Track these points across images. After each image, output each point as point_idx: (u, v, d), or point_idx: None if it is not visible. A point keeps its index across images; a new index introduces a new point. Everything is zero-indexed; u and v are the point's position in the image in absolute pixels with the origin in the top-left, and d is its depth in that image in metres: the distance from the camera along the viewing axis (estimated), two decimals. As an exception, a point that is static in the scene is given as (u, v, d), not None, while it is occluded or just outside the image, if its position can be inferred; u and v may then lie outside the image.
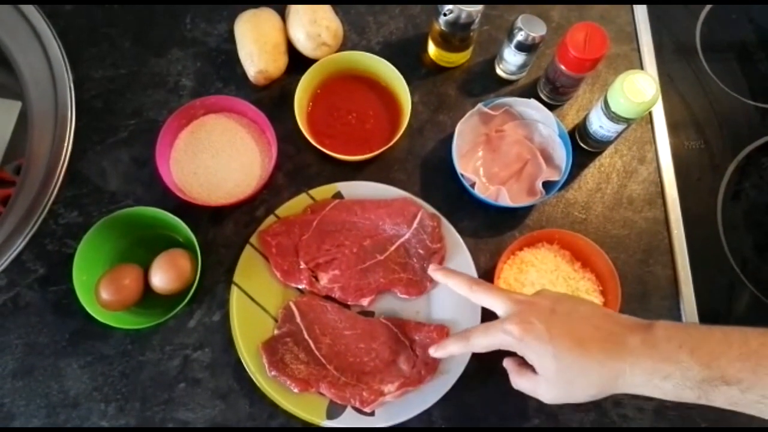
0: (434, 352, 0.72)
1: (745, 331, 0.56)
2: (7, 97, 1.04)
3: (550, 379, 0.60)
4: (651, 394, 0.57)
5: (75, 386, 0.80)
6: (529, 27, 0.83)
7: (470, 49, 0.93)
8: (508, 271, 0.82)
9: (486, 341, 0.64)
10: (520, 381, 0.66)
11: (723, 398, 0.53)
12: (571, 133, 0.90)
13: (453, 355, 0.71)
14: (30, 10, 0.93)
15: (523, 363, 0.66)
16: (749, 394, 0.51)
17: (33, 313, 0.83)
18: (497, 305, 0.65)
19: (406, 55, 0.94)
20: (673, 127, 0.93)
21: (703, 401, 0.55)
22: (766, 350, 0.52)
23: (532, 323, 0.60)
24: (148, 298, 0.81)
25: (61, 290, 0.83)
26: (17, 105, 1.03)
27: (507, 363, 0.69)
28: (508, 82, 0.95)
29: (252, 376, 0.79)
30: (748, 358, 0.52)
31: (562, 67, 0.84)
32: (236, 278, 0.82)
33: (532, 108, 0.88)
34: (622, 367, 0.56)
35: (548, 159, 0.88)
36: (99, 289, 0.77)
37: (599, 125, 0.84)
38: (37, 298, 0.83)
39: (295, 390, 0.78)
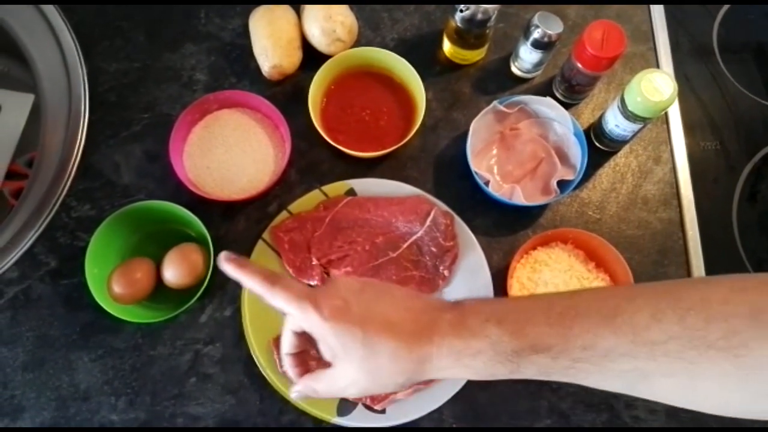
0: (224, 259, 0.58)
1: (550, 297, 0.54)
2: (20, 89, 1.04)
3: (356, 368, 0.53)
4: (461, 376, 0.53)
5: (86, 379, 0.80)
6: (545, 24, 0.83)
7: (486, 47, 0.92)
8: (521, 271, 0.82)
9: (286, 300, 0.53)
10: (317, 384, 0.56)
11: (535, 368, 0.50)
12: (587, 132, 0.90)
13: (240, 281, 0.57)
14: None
15: (303, 360, 0.59)
16: (561, 359, 0.48)
17: (44, 306, 0.83)
18: (302, 306, 0.53)
19: (421, 52, 0.94)
20: (688, 128, 0.93)
21: (516, 375, 0.51)
22: (572, 313, 0.49)
23: (344, 302, 0.53)
24: (159, 292, 0.80)
25: (72, 283, 0.83)
26: (30, 98, 1.03)
27: (290, 370, 0.60)
28: (524, 80, 0.94)
29: (263, 372, 0.78)
30: (554, 324, 0.49)
31: (579, 65, 0.83)
32: (248, 274, 0.82)
33: (547, 106, 0.87)
34: (429, 350, 0.52)
35: (563, 158, 0.87)
36: (111, 282, 0.77)
37: (615, 124, 0.83)
38: (49, 290, 0.83)
39: (306, 386, 0.77)
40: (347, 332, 0.52)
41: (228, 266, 0.57)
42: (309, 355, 0.60)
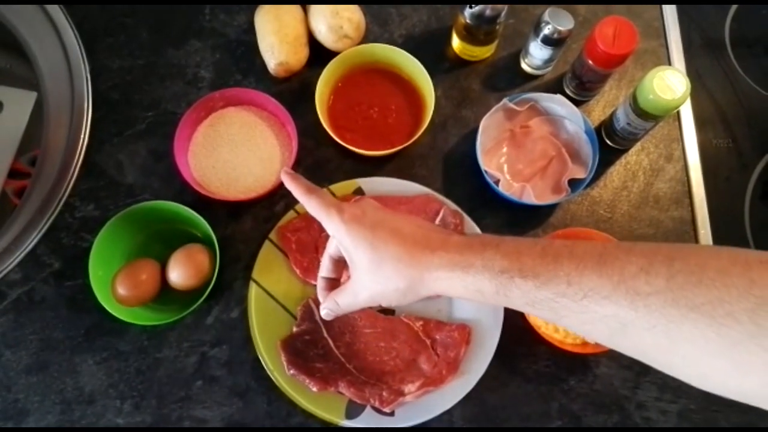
0: (283, 172, 0.66)
1: (553, 240, 0.56)
2: (22, 87, 1.03)
3: (365, 270, 0.58)
4: (453, 289, 0.56)
5: (90, 382, 0.79)
6: (556, 21, 0.81)
7: (495, 43, 0.91)
8: (532, 271, 0.81)
9: (318, 206, 0.61)
10: (338, 297, 0.63)
11: (519, 293, 0.51)
12: (597, 130, 0.89)
13: (290, 189, 0.64)
14: (47, -2, 0.92)
15: (335, 285, 0.66)
16: (544, 290, 0.49)
17: (48, 308, 0.82)
18: (329, 212, 0.60)
19: (430, 49, 0.92)
20: (700, 125, 0.91)
21: (501, 297, 0.53)
22: (566, 252, 0.50)
23: (362, 211, 0.59)
24: (165, 293, 0.79)
25: (76, 285, 0.82)
26: (33, 95, 1.02)
27: (320, 292, 0.67)
28: (533, 77, 0.93)
29: (270, 374, 0.77)
30: (547, 257, 0.50)
31: (590, 62, 0.82)
32: (255, 274, 0.81)
33: (558, 104, 0.86)
34: (431, 260, 0.56)
35: (574, 156, 0.86)
36: (115, 284, 0.76)
37: (627, 122, 0.82)
38: (53, 292, 0.82)
39: (314, 389, 0.76)
40: (359, 234, 0.58)
41: (284, 177, 0.65)
42: (337, 284, 0.66)
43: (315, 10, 0.88)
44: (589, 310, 0.47)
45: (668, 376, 0.79)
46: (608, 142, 0.89)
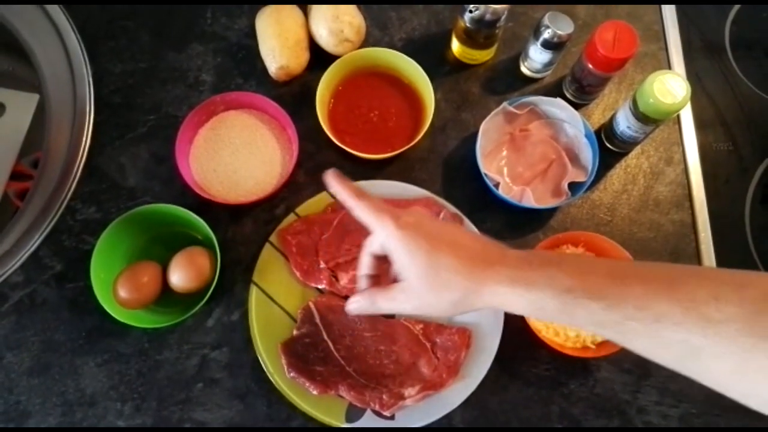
0: (329, 174, 0.64)
1: (615, 260, 0.55)
2: (24, 89, 1.03)
3: (417, 279, 0.56)
4: (512, 308, 0.54)
5: (91, 385, 0.80)
6: (555, 25, 0.81)
7: (495, 47, 0.91)
8: (532, 274, 0.81)
9: (368, 211, 0.59)
10: (378, 295, 0.60)
11: (585, 313, 0.50)
12: (597, 133, 0.89)
13: (336, 193, 0.63)
14: (49, 2, 0.92)
15: (377, 283, 0.64)
16: (612, 313, 0.48)
17: (50, 310, 0.82)
18: (381, 218, 0.58)
19: (429, 52, 0.93)
20: (701, 128, 0.91)
21: (564, 317, 0.51)
22: (633, 274, 0.50)
23: (418, 220, 0.57)
24: (166, 296, 0.80)
25: (78, 287, 0.82)
26: (35, 97, 1.02)
27: (361, 288, 0.65)
28: (533, 80, 0.93)
29: (270, 377, 0.77)
30: (615, 277, 0.49)
31: (590, 65, 0.82)
32: (255, 277, 0.81)
33: (557, 107, 0.86)
34: (489, 275, 0.54)
35: (574, 159, 0.86)
36: (117, 286, 0.76)
37: (627, 125, 0.82)
38: (54, 294, 0.82)
39: (314, 392, 0.76)
40: (414, 243, 0.56)
41: (330, 179, 0.63)
42: (379, 281, 0.64)
43: (316, 14, 0.88)
44: (660, 335, 0.47)
45: (669, 380, 0.80)
46: (608, 145, 0.89)
